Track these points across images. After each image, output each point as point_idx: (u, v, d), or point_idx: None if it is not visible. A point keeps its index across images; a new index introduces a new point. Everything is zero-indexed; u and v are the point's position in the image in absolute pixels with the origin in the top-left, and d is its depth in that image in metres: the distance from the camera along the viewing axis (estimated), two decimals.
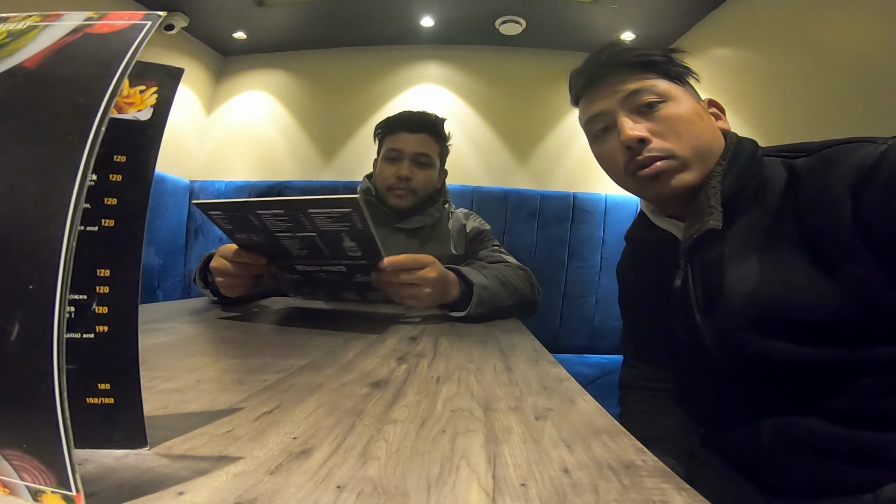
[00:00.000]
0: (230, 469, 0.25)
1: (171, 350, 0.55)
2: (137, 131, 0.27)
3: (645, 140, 0.60)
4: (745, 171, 0.59)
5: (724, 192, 0.58)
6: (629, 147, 0.61)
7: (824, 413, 0.51)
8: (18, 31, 0.23)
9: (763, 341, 0.54)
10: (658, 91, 0.62)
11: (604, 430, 0.34)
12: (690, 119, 0.61)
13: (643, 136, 0.60)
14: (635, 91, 0.62)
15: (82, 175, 0.18)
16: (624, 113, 0.62)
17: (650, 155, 0.60)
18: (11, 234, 0.18)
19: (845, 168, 0.50)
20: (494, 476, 0.26)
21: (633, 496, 0.24)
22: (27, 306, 0.18)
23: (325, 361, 0.51)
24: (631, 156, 0.62)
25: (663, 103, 0.62)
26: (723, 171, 0.59)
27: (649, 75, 0.63)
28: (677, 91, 0.63)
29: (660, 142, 0.60)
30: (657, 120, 0.61)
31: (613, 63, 0.64)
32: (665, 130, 0.60)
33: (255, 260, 0.77)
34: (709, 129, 0.63)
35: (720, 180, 0.59)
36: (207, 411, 0.34)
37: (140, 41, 0.22)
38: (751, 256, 0.56)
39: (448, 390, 0.43)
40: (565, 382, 0.47)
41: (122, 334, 0.26)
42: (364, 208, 0.64)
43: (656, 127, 0.61)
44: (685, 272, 0.62)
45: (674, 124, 0.61)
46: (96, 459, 0.25)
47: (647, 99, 0.62)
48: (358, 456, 0.28)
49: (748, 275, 0.55)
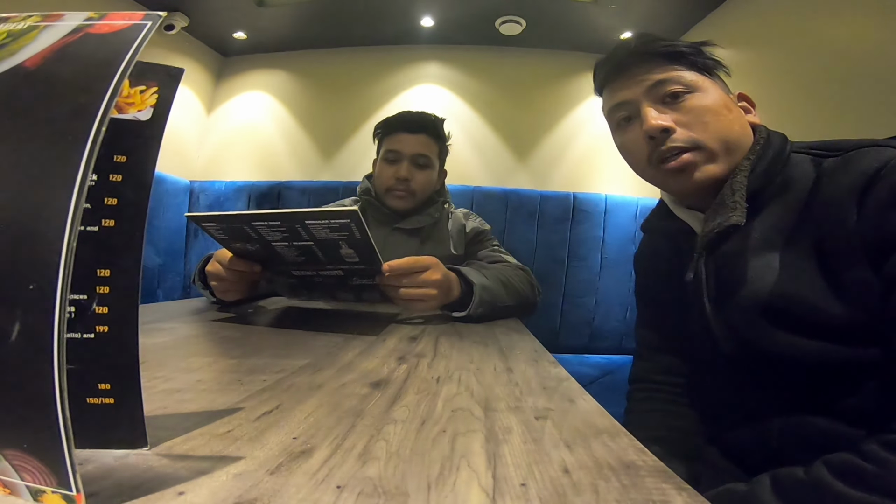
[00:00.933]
0: (230, 469, 0.25)
1: (171, 350, 0.55)
2: (137, 131, 0.27)
3: (669, 130, 0.60)
4: (772, 167, 0.58)
5: (749, 187, 0.57)
6: (652, 137, 0.60)
7: (833, 412, 0.51)
8: (19, 31, 0.23)
9: (773, 337, 0.54)
10: (685, 82, 0.61)
11: (604, 430, 0.34)
12: (717, 110, 0.60)
13: (667, 125, 0.59)
14: (661, 81, 0.61)
15: (83, 175, 0.18)
16: (648, 102, 0.62)
17: (674, 146, 0.59)
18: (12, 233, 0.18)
19: (856, 173, 0.50)
20: (495, 476, 0.26)
21: (633, 496, 0.24)
22: (27, 306, 0.18)
23: (325, 361, 0.51)
24: (654, 146, 0.61)
25: (690, 94, 0.61)
26: (750, 165, 0.59)
27: (676, 66, 0.62)
28: (705, 82, 0.62)
29: (684, 132, 0.60)
30: (683, 110, 0.60)
31: (640, 52, 0.64)
32: (691, 121, 0.60)
33: (249, 268, 0.77)
34: (737, 121, 0.62)
35: (747, 175, 0.58)
36: (207, 411, 0.34)
37: (140, 41, 0.22)
38: (768, 254, 0.56)
39: (448, 390, 0.43)
40: (565, 382, 0.47)
41: (123, 334, 0.26)
42: (362, 219, 0.64)
43: (682, 117, 0.60)
44: (698, 265, 0.62)
45: (700, 115, 0.60)
46: (96, 459, 0.25)
47: (673, 89, 0.61)
48: (358, 456, 0.28)
49: (763, 271, 0.55)
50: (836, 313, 0.50)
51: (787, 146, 0.60)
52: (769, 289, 0.54)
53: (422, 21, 2.39)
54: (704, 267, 0.62)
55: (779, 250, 0.55)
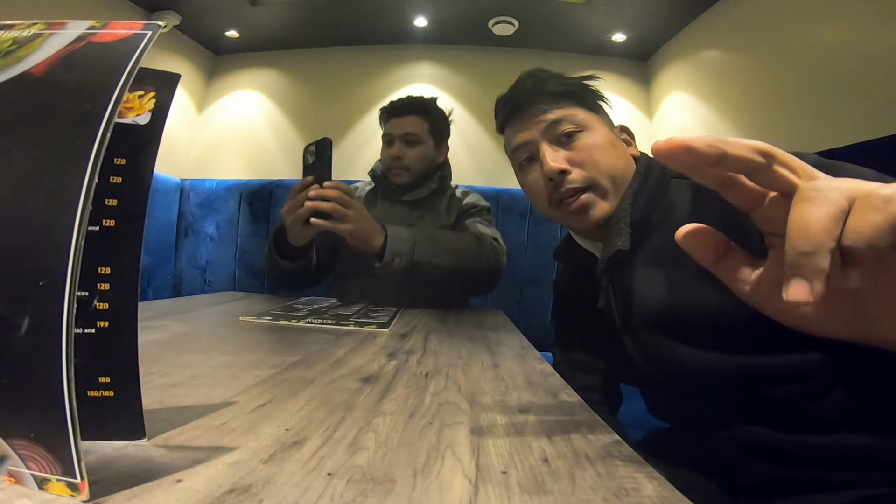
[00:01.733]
0: (225, 458, 0.26)
1: (165, 347, 0.56)
2: (136, 135, 0.28)
3: (565, 171, 0.63)
4: (653, 194, 0.62)
5: (633, 215, 0.61)
6: (551, 179, 0.64)
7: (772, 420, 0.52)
8: (24, 38, 0.24)
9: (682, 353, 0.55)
10: (576, 121, 0.65)
11: (584, 422, 0.36)
12: (605, 148, 0.65)
13: (563, 167, 0.63)
14: (556, 121, 0.65)
15: (89, 178, 0.19)
16: (546, 143, 0.65)
17: (571, 187, 0.63)
18: (23, 233, 0.19)
19: None
20: (478, 464, 0.27)
21: (607, 483, 0.26)
22: (37, 302, 0.19)
23: (317, 358, 0.53)
24: (553, 187, 0.65)
25: (581, 132, 0.65)
26: (632, 193, 0.62)
27: (568, 104, 0.66)
28: (593, 120, 0.67)
29: (579, 171, 0.63)
30: (576, 149, 0.64)
31: (536, 92, 0.68)
32: (584, 160, 0.64)
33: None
34: (622, 156, 0.66)
35: (630, 202, 0.62)
36: (202, 405, 0.36)
37: (141, 51, 0.23)
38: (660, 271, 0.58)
39: (436, 385, 0.44)
40: (550, 378, 0.49)
41: (122, 329, 0.27)
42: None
43: (576, 156, 0.64)
44: (607, 292, 0.65)
45: (591, 153, 0.64)
46: (97, 450, 0.27)
47: (566, 128, 0.65)
48: (348, 446, 0.29)
49: (658, 288, 0.57)
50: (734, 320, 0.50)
51: (665, 173, 0.64)
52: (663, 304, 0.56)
53: (415, 21, 2.40)
54: (612, 293, 0.64)
55: (670, 266, 0.57)
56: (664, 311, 0.56)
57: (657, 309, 0.57)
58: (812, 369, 0.49)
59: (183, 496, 0.22)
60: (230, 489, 0.23)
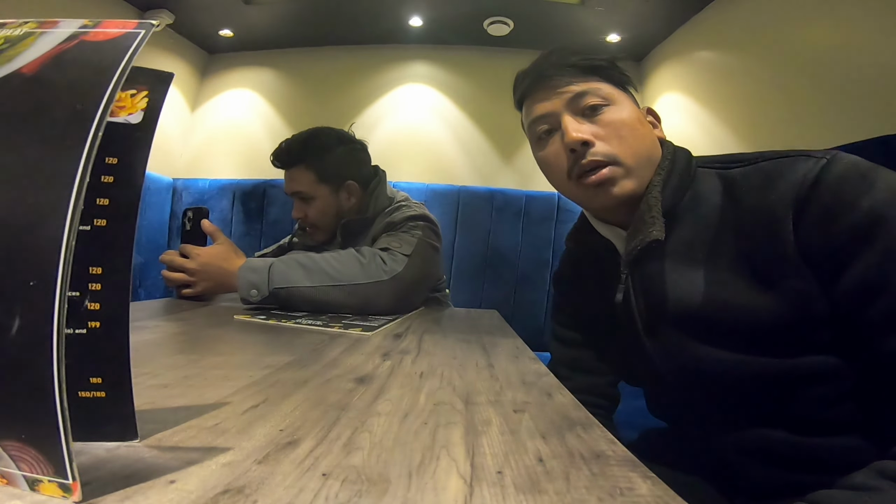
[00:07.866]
0: (219, 459, 0.26)
1: (157, 347, 0.56)
2: (128, 134, 0.28)
3: (589, 143, 0.60)
4: (682, 182, 0.59)
5: (664, 202, 0.58)
6: (573, 150, 0.60)
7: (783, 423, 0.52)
8: (15, 37, 0.23)
9: (707, 354, 0.54)
10: (602, 94, 0.62)
11: (578, 422, 0.36)
12: (632, 125, 0.61)
13: (587, 138, 0.59)
14: (580, 93, 0.62)
15: (80, 178, 0.19)
16: (568, 114, 0.62)
17: (594, 160, 0.59)
18: (13, 233, 0.19)
19: (786, 184, 0.50)
20: (473, 464, 0.27)
21: (601, 483, 0.26)
22: (28, 302, 0.19)
23: (311, 358, 0.52)
24: (574, 160, 0.61)
25: (607, 107, 0.61)
26: (661, 180, 0.59)
27: (594, 78, 0.63)
28: (620, 96, 0.63)
29: (603, 145, 0.60)
30: (601, 123, 0.61)
31: (560, 65, 0.64)
32: (609, 134, 0.60)
33: None
34: (648, 136, 0.63)
35: (660, 190, 0.59)
36: (195, 406, 0.35)
37: (134, 50, 0.23)
38: (691, 269, 0.56)
39: (431, 385, 0.44)
40: (544, 377, 0.49)
41: (114, 330, 0.27)
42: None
43: (600, 130, 0.60)
44: (626, 286, 0.62)
45: (617, 128, 0.60)
46: (89, 451, 0.26)
47: (592, 101, 0.61)
48: (343, 446, 0.29)
49: (690, 288, 0.55)
50: (766, 322, 0.50)
51: (692, 161, 0.62)
52: (698, 305, 0.54)
53: (410, 21, 2.40)
54: (633, 287, 0.62)
55: (701, 264, 0.55)
56: (694, 308, 0.54)
57: (686, 306, 0.55)
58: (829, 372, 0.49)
59: (176, 497, 0.22)
60: (224, 490, 0.23)
